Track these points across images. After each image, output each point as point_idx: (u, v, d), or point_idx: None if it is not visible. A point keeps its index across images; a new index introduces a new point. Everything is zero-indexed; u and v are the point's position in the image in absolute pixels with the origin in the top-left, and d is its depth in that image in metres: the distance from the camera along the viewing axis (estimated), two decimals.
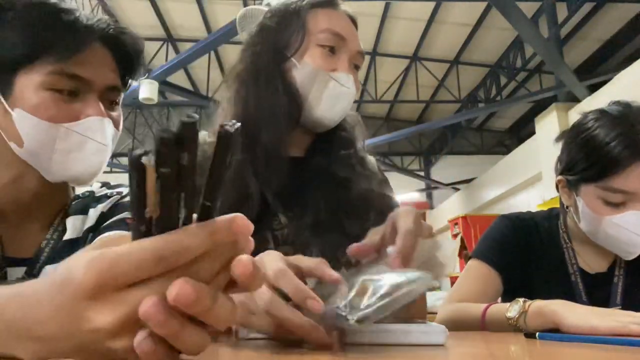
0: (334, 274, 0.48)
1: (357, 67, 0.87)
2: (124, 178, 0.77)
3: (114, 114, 0.78)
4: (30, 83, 0.70)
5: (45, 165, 0.73)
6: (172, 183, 0.26)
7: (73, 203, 0.85)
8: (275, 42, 0.85)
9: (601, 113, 0.98)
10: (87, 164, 0.74)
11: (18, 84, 0.70)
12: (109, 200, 0.85)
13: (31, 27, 0.70)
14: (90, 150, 0.73)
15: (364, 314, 0.40)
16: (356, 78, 0.86)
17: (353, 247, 0.57)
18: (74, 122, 0.71)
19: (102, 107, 0.74)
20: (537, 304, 0.78)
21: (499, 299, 1.07)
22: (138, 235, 0.28)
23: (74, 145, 0.72)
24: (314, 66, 0.82)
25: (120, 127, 0.81)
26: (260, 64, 0.85)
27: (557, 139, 1.06)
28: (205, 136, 0.88)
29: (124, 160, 9.72)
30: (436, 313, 1.02)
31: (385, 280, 0.43)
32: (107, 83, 0.75)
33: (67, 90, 0.71)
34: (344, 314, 0.40)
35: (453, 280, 5.71)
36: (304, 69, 0.83)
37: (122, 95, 0.82)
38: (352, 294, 0.42)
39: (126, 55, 0.79)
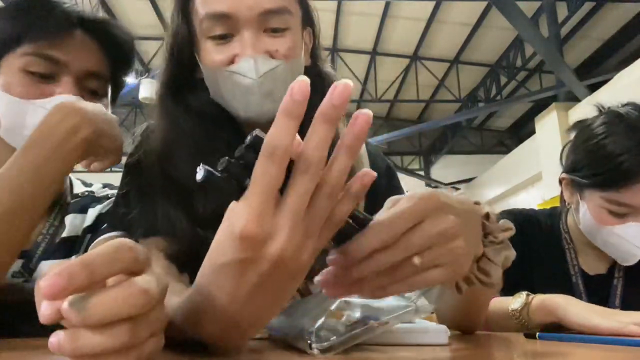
0: None
1: (276, 30, 0.66)
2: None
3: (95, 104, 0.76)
4: (11, 65, 0.73)
5: (20, 144, 0.71)
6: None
7: (72, 202, 0.85)
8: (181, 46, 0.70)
9: (617, 118, 0.92)
10: None
11: (3, 67, 0.74)
12: (108, 201, 0.85)
13: (18, 12, 0.74)
14: None
15: (330, 344, 0.38)
16: (284, 41, 0.66)
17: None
18: (42, 99, 0.72)
19: (76, 90, 0.74)
20: (541, 297, 0.78)
21: (497, 294, 1.07)
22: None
23: None
24: (210, 64, 0.67)
25: None
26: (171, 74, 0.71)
27: (570, 130, 1.03)
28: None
29: (124, 160, 9.67)
30: None
31: (362, 306, 0.41)
32: (86, 68, 0.76)
33: (41, 73, 0.73)
34: (309, 341, 0.38)
35: None
36: (205, 71, 0.69)
37: (109, 86, 0.81)
38: (324, 316, 0.40)
39: (116, 46, 0.79)
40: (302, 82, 0.30)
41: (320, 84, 0.68)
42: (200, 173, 0.32)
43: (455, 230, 0.38)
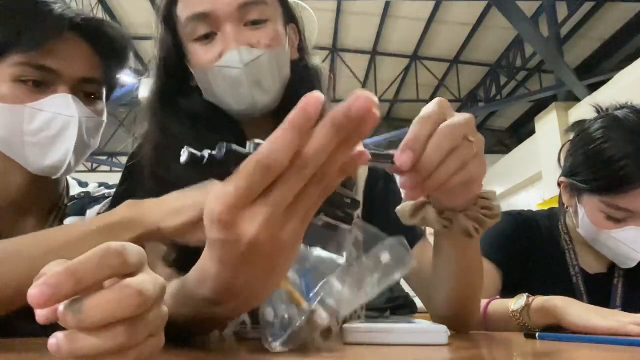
0: None
1: (256, 22, 0.68)
2: None
3: (92, 108, 0.76)
4: (1, 74, 0.70)
5: (20, 153, 0.72)
6: None
7: (70, 204, 0.84)
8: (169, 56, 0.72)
9: (616, 122, 0.92)
10: (59, 141, 0.71)
11: None
12: (106, 201, 0.85)
13: (5, 17, 0.70)
14: (59, 125, 0.71)
15: (283, 340, 0.37)
16: (265, 33, 0.68)
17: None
18: (36, 101, 0.70)
19: (71, 96, 0.71)
20: (541, 299, 0.79)
21: (498, 296, 1.07)
22: None
23: (43, 124, 0.70)
24: (199, 65, 0.69)
25: (102, 120, 0.79)
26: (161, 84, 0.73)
27: (569, 130, 1.03)
28: None
29: (124, 160, 9.67)
30: None
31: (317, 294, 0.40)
32: (80, 75, 0.73)
33: (34, 81, 0.70)
34: (270, 339, 0.38)
35: None
36: (196, 73, 0.70)
37: (104, 88, 0.79)
38: (284, 306, 0.40)
39: (109, 47, 0.77)
40: (317, 96, 0.28)
41: (307, 76, 0.71)
42: (184, 156, 0.33)
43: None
